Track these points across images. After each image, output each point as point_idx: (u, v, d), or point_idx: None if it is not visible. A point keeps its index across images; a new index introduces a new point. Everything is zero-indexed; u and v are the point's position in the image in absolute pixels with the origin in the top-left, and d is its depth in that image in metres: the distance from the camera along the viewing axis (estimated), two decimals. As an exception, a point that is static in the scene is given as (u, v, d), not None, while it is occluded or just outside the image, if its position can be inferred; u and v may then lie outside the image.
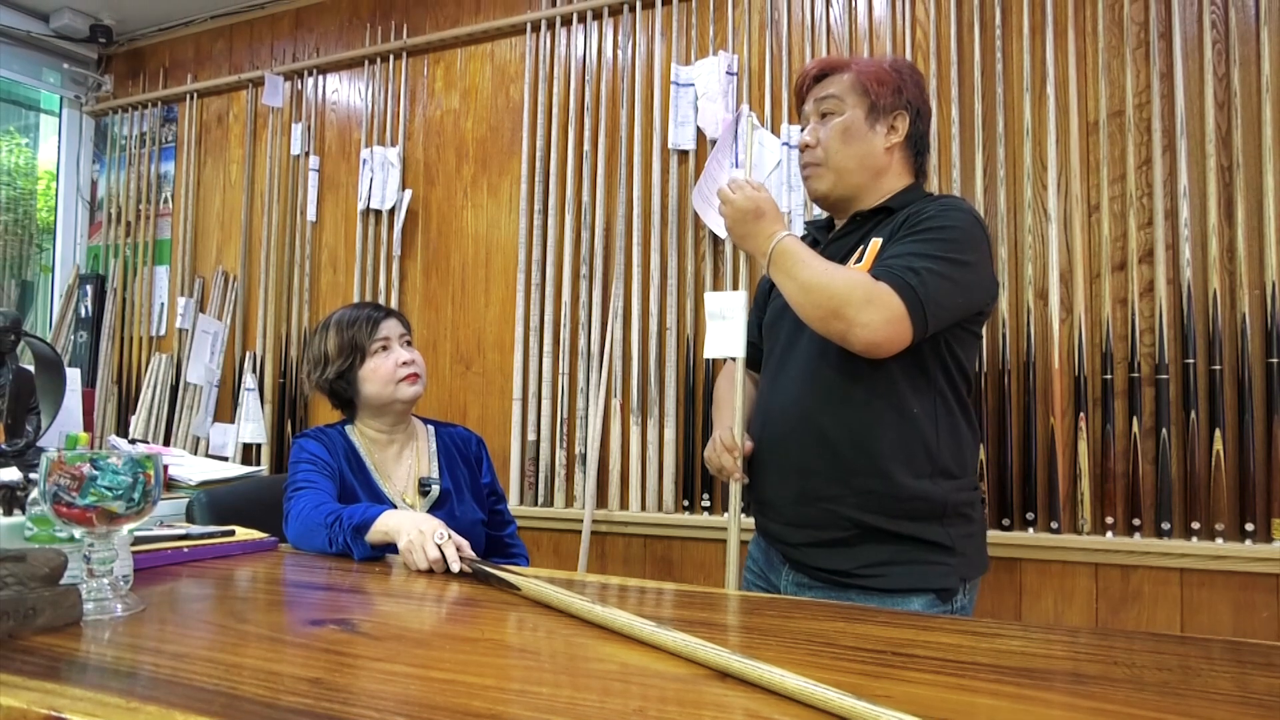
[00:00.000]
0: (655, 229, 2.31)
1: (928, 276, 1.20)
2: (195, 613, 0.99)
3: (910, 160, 1.40)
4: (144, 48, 3.38)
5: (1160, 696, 0.71)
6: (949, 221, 1.27)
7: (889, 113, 1.36)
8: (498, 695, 0.69)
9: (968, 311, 1.28)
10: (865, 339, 1.19)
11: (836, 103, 1.37)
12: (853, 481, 1.27)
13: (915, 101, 1.38)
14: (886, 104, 1.36)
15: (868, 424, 1.28)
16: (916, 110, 1.38)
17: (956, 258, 1.23)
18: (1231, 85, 1.77)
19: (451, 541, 1.21)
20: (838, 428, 1.29)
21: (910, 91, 1.37)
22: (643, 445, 2.27)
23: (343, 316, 1.63)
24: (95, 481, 0.90)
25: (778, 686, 0.69)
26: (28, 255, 3.54)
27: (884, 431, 1.27)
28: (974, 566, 1.32)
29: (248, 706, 0.64)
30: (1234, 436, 1.72)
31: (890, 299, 1.19)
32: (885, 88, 1.35)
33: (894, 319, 1.18)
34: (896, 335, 1.20)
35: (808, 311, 1.23)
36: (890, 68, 1.38)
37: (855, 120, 1.36)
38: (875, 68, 1.37)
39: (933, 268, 1.21)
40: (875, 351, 1.21)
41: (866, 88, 1.35)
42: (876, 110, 1.36)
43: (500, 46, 2.64)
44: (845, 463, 1.28)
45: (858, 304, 1.18)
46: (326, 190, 2.90)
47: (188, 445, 2.95)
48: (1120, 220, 1.85)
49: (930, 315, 1.20)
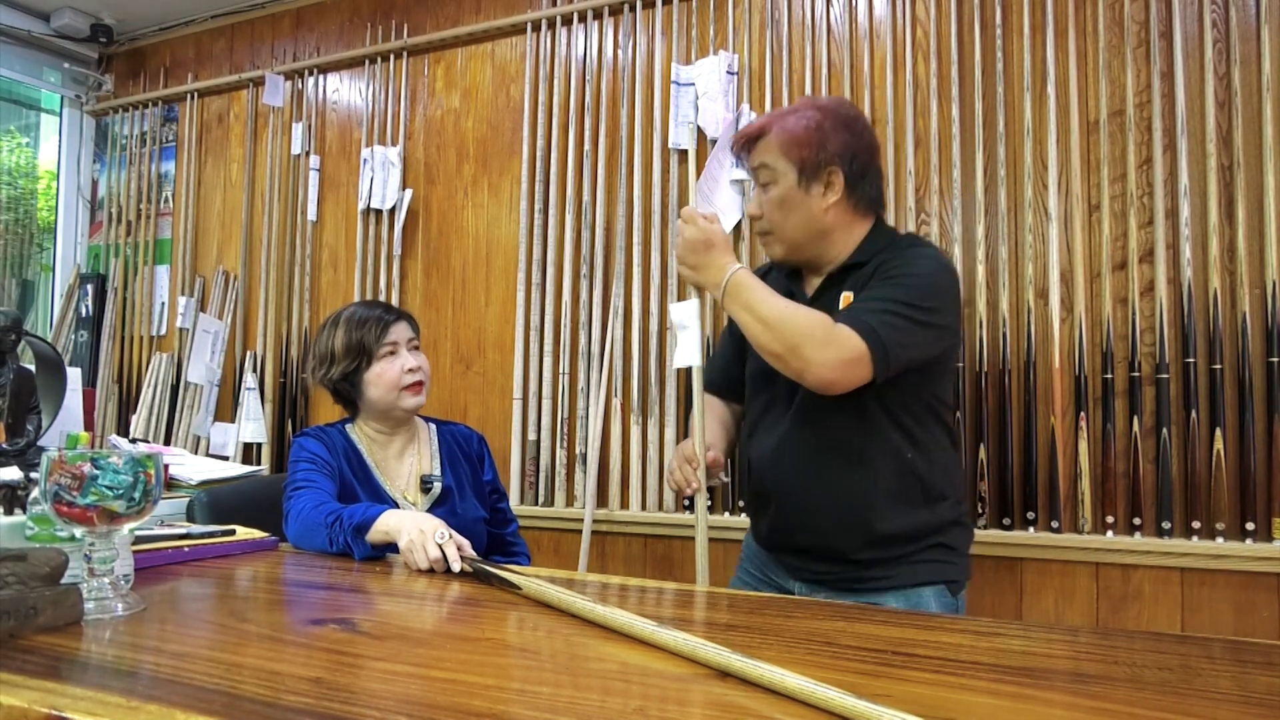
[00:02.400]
0: (656, 228, 2.31)
1: (890, 319, 1.22)
2: (196, 612, 0.99)
3: (860, 206, 1.37)
4: (145, 47, 3.38)
5: (1161, 696, 0.71)
6: (916, 270, 1.28)
7: (820, 172, 1.33)
8: (498, 695, 0.69)
9: (930, 356, 1.30)
10: (820, 377, 1.21)
11: (770, 172, 1.35)
12: (856, 531, 1.32)
13: (846, 150, 1.33)
14: (813, 165, 1.32)
15: (867, 478, 1.32)
16: (850, 158, 1.33)
17: (920, 304, 1.25)
18: (1232, 84, 1.77)
19: (452, 541, 1.21)
20: (839, 484, 1.33)
21: (837, 143, 1.33)
22: (643, 445, 2.27)
23: (353, 315, 1.61)
24: (96, 481, 0.90)
25: (778, 686, 0.69)
26: (28, 255, 3.54)
27: (882, 481, 1.31)
28: (967, 570, 1.39)
29: (248, 706, 0.64)
30: (1235, 436, 1.72)
31: (850, 340, 1.20)
32: (810, 149, 1.32)
33: (850, 360, 1.20)
34: (853, 375, 1.21)
35: (765, 346, 1.25)
36: (813, 125, 1.33)
37: (788, 189, 1.33)
38: (796, 127, 1.33)
39: (897, 311, 1.23)
40: (829, 389, 1.24)
41: (789, 152, 1.33)
42: (806, 173, 1.32)
43: (501, 46, 2.64)
44: (846, 516, 1.33)
45: (817, 343, 1.20)
46: (327, 190, 2.90)
47: (188, 445, 2.95)
48: (1121, 219, 1.85)
49: (892, 356, 1.22)
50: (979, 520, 1.89)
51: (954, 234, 1.97)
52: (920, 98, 2.05)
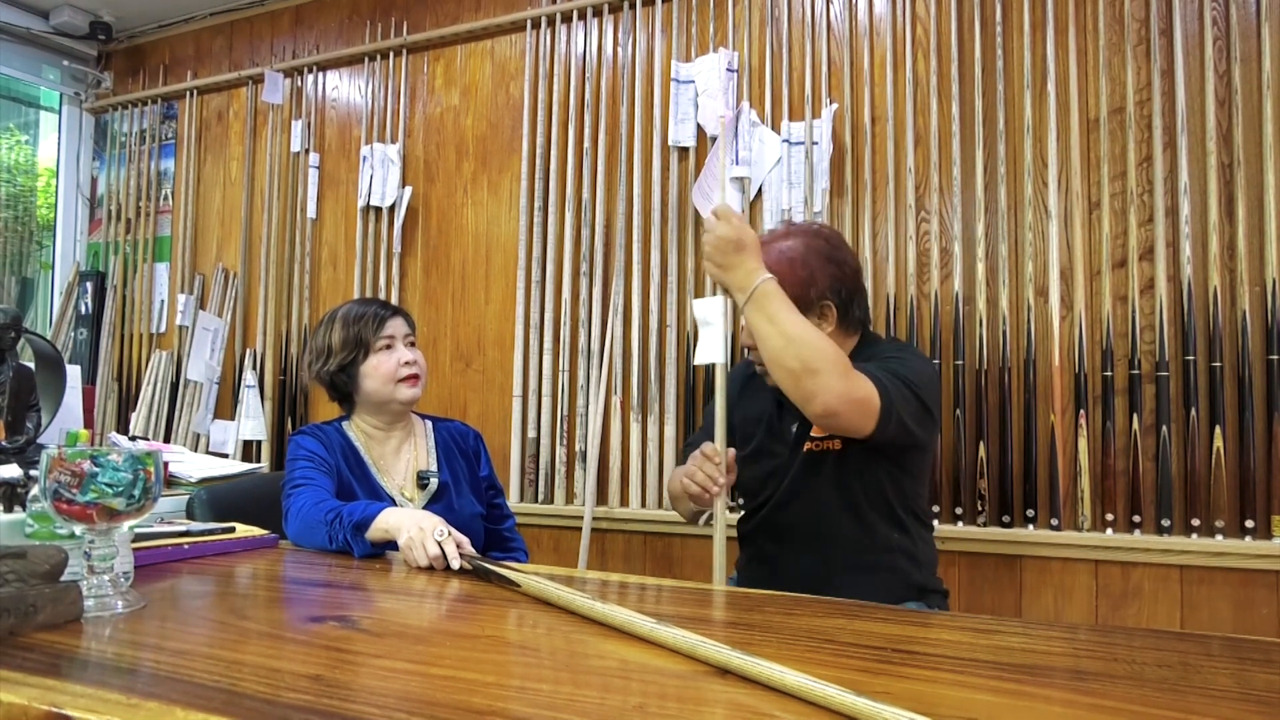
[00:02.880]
0: (655, 226, 2.31)
1: (896, 382, 1.28)
2: (196, 609, 0.99)
3: (850, 327, 1.44)
4: (144, 44, 3.38)
5: (1160, 693, 0.71)
6: (909, 361, 1.36)
7: (814, 306, 1.38)
8: (498, 692, 0.69)
9: (919, 435, 1.34)
10: (828, 404, 1.22)
11: None
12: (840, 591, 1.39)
13: (834, 282, 1.39)
14: (806, 301, 1.36)
15: (843, 559, 1.40)
16: (838, 289, 1.40)
17: (918, 383, 1.31)
18: (1232, 82, 1.76)
19: (451, 538, 1.21)
20: (816, 564, 1.41)
21: (825, 276, 1.38)
22: (643, 442, 2.27)
23: (349, 311, 1.63)
24: (96, 478, 0.90)
25: (777, 683, 0.69)
26: (28, 252, 3.54)
27: (881, 588, 1.35)
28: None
29: (248, 703, 0.64)
30: (1234, 433, 1.72)
31: (865, 383, 1.24)
32: (797, 287, 1.35)
33: (861, 399, 1.23)
34: (857, 415, 1.24)
35: (782, 362, 1.24)
36: (798, 262, 1.38)
37: None
38: (782, 267, 1.35)
39: (899, 378, 1.29)
40: (830, 419, 1.25)
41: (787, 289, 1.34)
42: (800, 307, 1.32)
43: (500, 43, 2.64)
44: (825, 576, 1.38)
45: (837, 372, 1.21)
46: (326, 187, 2.90)
47: (188, 442, 2.95)
48: (1121, 217, 1.85)
49: (894, 415, 1.26)
50: (978, 518, 1.90)
51: (954, 231, 1.97)
52: (920, 95, 2.05)
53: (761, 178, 2.18)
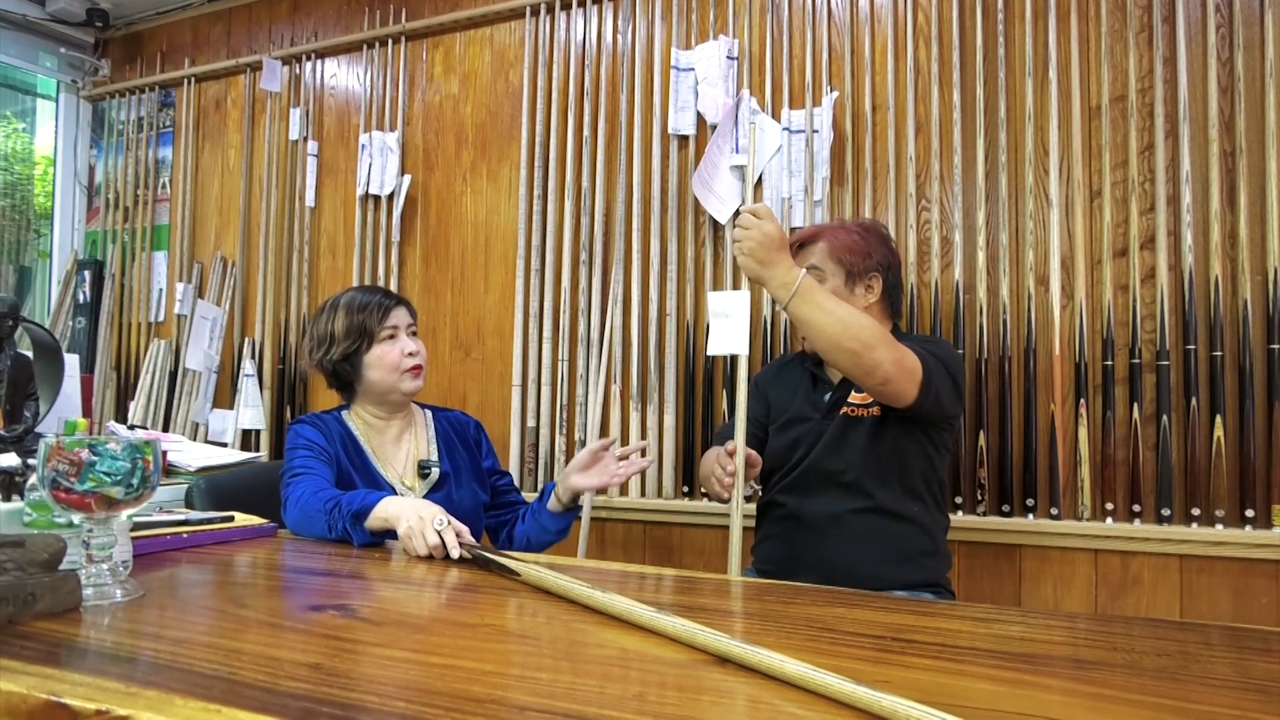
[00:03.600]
0: (655, 215, 2.30)
1: (931, 359, 1.41)
2: (195, 598, 0.99)
3: (887, 311, 1.62)
4: (141, 31, 3.36)
5: (1159, 682, 0.71)
6: (940, 344, 1.53)
7: (864, 276, 1.58)
8: (497, 680, 0.69)
9: (950, 411, 1.50)
10: (888, 372, 1.34)
11: (819, 273, 1.55)
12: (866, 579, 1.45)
13: (885, 261, 1.60)
14: (860, 269, 1.57)
15: (866, 539, 1.50)
16: (887, 268, 1.60)
17: (950, 365, 1.46)
18: (1235, 70, 1.75)
19: (451, 527, 1.20)
20: (840, 544, 1.51)
21: (879, 253, 1.59)
22: (642, 431, 2.26)
23: (353, 299, 1.62)
24: (94, 467, 0.89)
25: (777, 672, 0.69)
26: (25, 241, 3.53)
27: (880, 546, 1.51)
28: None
29: (248, 692, 0.64)
30: (1235, 423, 1.72)
31: (913, 356, 1.38)
32: (857, 255, 1.57)
33: (911, 369, 1.37)
34: (907, 385, 1.37)
35: (841, 343, 1.34)
36: (859, 235, 1.59)
37: (836, 288, 1.55)
38: (846, 237, 1.58)
39: (934, 356, 1.42)
40: (886, 387, 1.36)
41: (840, 257, 1.57)
42: (853, 276, 1.57)
43: (499, 31, 2.62)
44: (846, 576, 1.43)
45: (890, 345, 1.35)
46: (325, 175, 2.89)
47: (187, 431, 2.95)
48: (1122, 206, 1.84)
49: (932, 387, 1.39)
50: (978, 508, 1.90)
51: (954, 220, 1.96)
52: (921, 83, 2.04)
53: (762, 166, 2.17)
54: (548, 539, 1.64)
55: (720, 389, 2.20)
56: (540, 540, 1.64)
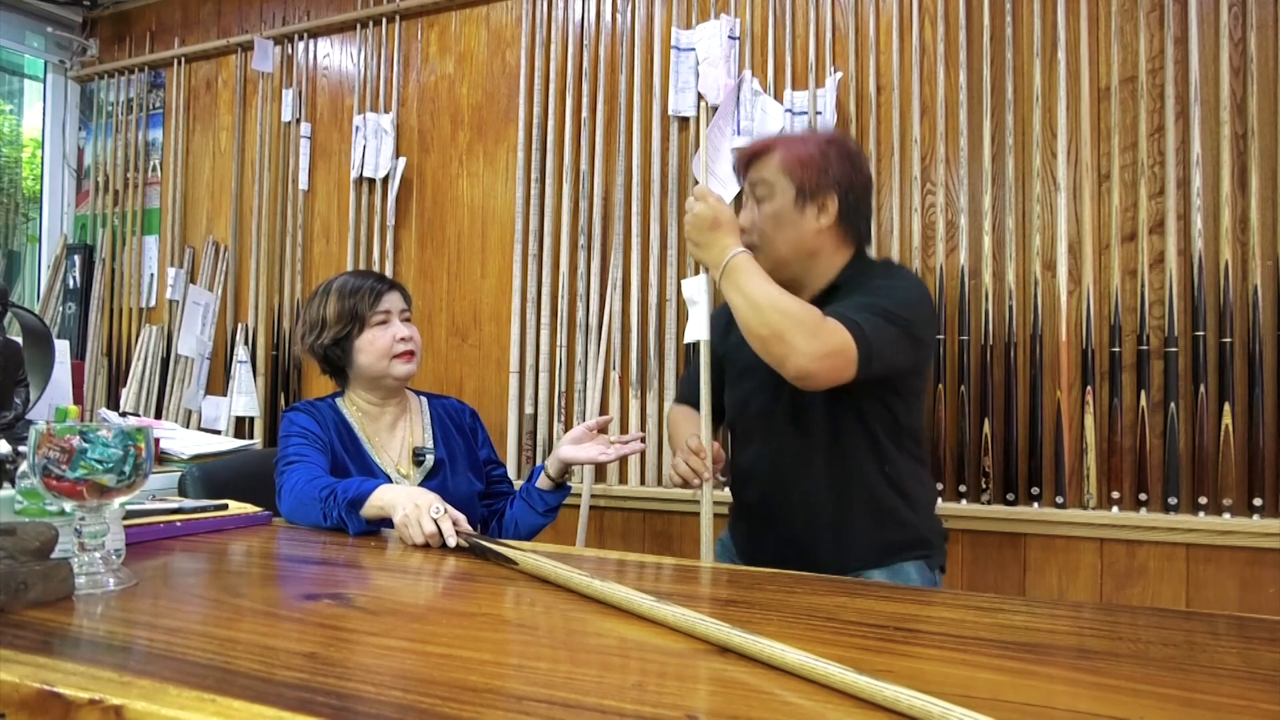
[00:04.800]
0: (655, 198, 2.27)
1: (875, 319, 1.25)
2: (189, 587, 0.99)
3: (847, 235, 1.42)
4: (130, 11, 3.30)
5: (1165, 672, 0.71)
6: (896, 285, 1.34)
7: (817, 195, 1.37)
8: (495, 670, 0.69)
9: (906, 366, 1.33)
10: (800, 366, 1.22)
11: (768, 187, 1.39)
12: (837, 540, 1.37)
13: (845, 179, 1.39)
14: (813, 186, 1.37)
15: (831, 494, 1.37)
16: (847, 188, 1.39)
17: (902, 315, 1.28)
18: (1248, 50, 1.73)
19: (447, 515, 1.20)
20: (812, 486, 1.39)
21: (838, 170, 1.38)
22: (642, 418, 2.24)
23: (345, 283, 1.61)
24: (85, 454, 0.88)
25: (778, 661, 0.68)
26: (14, 225, 3.49)
27: (856, 491, 1.37)
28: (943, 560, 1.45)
29: (242, 681, 0.63)
30: (1243, 410, 1.71)
31: (836, 334, 1.22)
32: (811, 170, 1.37)
33: (834, 353, 1.22)
34: (834, 369, 1.23)
35: (753, 329, 1.26)
36: (817, 148, 1.39)
37: (784, 206, 1.38)
38: (801, 149, 1.39)
39: (880, 313, 1.26)
40: (806, 381, 1.24)
41: (792, 171, 1.38)
42: (804, 194, 1.37)
43: (496, 10, 2.58)
44: (814, 531, 1.38)
45: (804, 332, 1.21)
46: (318, 158, 2.85)
47: (179, 418, 2.92)
48: (1131, 189, 1.82)
49: (875, 357, 1.24)
50: (983, 496, 1.88)
51: (960, 204, 1.94)
52: (927, 63, 2.01)
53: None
54: (537, 521, 1.63)
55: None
56: (529, 523, 1.63)
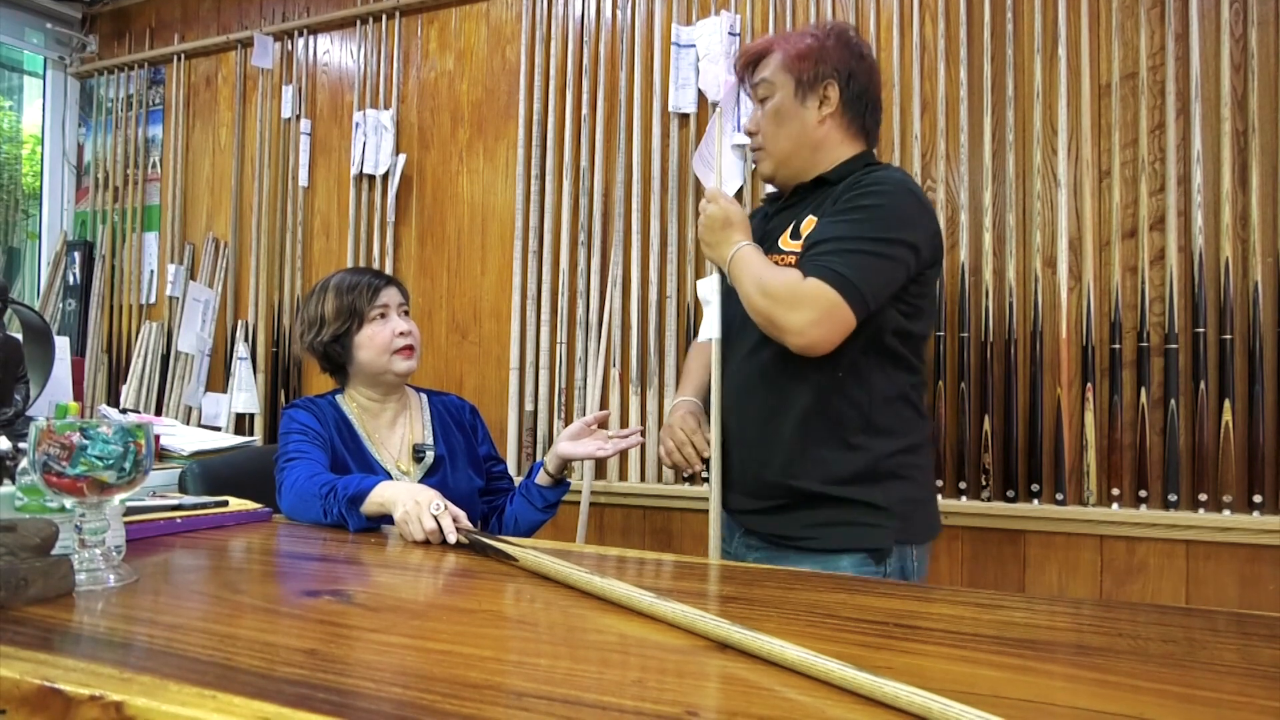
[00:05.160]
0: (655, 194, 2.26)
1: (855, 259, 1.22)
2: (189, 584, 0.99)
3: (853, 126, 1.38)
4: (129, 7, 3.29)
5: (1165, 668, 0.71)
6: (876, 200, 1.27)
7: (817, 84, 1.35)
8: (495, 666, 0.69)
9: (903, 282, 1.28)
10: (796, 343, 1.23)
11: (769, 86, 1.38)
12: (780, 449, 1.32)
13: (844, 65, 1.35)
14: (811, 76, 1.35)
15: (792, 392, 1.31)
16: (848, 74, 1.35)
17: (883, 235, 1.24)
18: (1249, 47, 1.72)
19: (448, 512, 1.20)
20: (766, 398, 1.34)
21: (836, 57, 1.35)
22: (642, 415, 2.24)
23: (342, 280, 1.61)
24: (86, 451, 0.89)
25: (778, 657, 0.68)
26: (14, 221, 3.48)
27: (806, 398, 1.30)
28: (915, 531, 1.33)
29: (243, 677, 0.63)
30: (1243, 407, 1.70)
31: (819, 296, 1.20)
32: (808, 61, 1.35)
33: (822, 317, 1.20)
34: (833, 330, 1.21)
35: (754, 304, 1.28)
36: (814, 39, 1.36)
37: (784, 100, 1.36)
38: (799, 43, 1.37)
39: (859, 249, 1.23)
40: (812, 351, 1.23)
41: (790, 65, 1.36)
42: (803, 85, 1.35)
43: (496, 6, 2.57)
44: (772, 432, 1.33)
45: (785, 308, 1.22)
46: (318, 154, 2.84)
47: (180, 415, 2.92)
48: (1132, 186, 1.81)
49: (869, 297, 1.22)
50: (982, 493, 1.88)
51: (960, 200, 1.94)
52: (927, 60, 2.00)
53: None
54: (536, 517, 1.63)
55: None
56: (529, 519, 1.63)
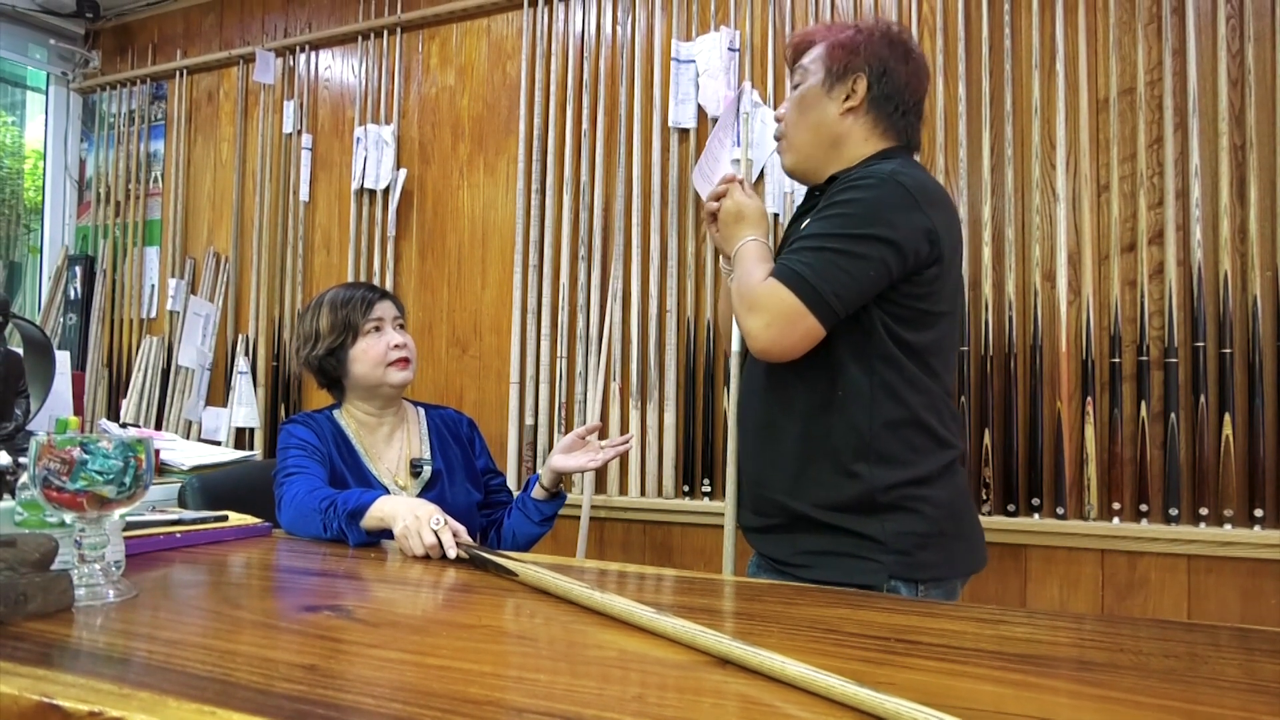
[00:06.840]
0: (655, 209, 2.27)
1: (818, 258, 1.13)
2: (188, 599, 0.98)
3: (879, 125, 1.27)
4: (132, 23, 3.32)
5: (1167, 684, 0.70)
6: (856, 194, 1.17)
7: (846, 76, 1.26)
8: (495, 682, 0.68)
9: (881, 285, 1.16)
10: (755, 349, 1.17)
11: (803, 73, 1.31)
12: (778, 466, 1.26)
13: (879, 62, 1.26)
14: (842, 68, 1.26)
15: (790, 407, 1.23)
16: (881, 70, 1.25)
17: (852, 232, 1.14)
18: (1246, 62, 1.73)
19: (447, 527, 1.19)
20: (764, 410, 1.28)
21: (871, 51, 1.26)
22: (642, 429, 2.24)
23: (336, 295, 1.62)
24: (86, 465, 0.88)
25: (779, 673, 0.68)
26: (15, 236, 3.49)
27: (804, 415, 1.22)
28: (922, 569, 1.17)
29: (242, 693, 0.63)
30: (1244, 421, 1.70)
31: (772, 298, 1.14)
32: (843, 50, 1.27)
33: (775, 318, 1.13)
34: (791, 335, 1.13)
35: (734, 303, 1.24)
36: (857, 31, 1.29)
37: (811, 89, 1.29)
38: (842, 34, 1.29)
39: (825, 246, 1.14)
40: (770, 357, 1.17)
41: (827, 54, 1.28)
42: (832, 75, 1.27)
43: (497, 22, 2.59)
44: (771, 446, 1.27)
45: (744, 309, 1.17)
46: (319, 169, 2.86)
47: (180, 429, 2.92)
48: (1130, 200, 1.82)
49: (831, 297, 1.12)
50: (983, 507, 1.87)
51: (959, 214, 1.94)
52: (926, 76, 2.01)
53: (763, 160, 2.15)
54: (533, 530, 1.63)
55: (721, 386, 2.18)
56: (526, 533, 1.63)
